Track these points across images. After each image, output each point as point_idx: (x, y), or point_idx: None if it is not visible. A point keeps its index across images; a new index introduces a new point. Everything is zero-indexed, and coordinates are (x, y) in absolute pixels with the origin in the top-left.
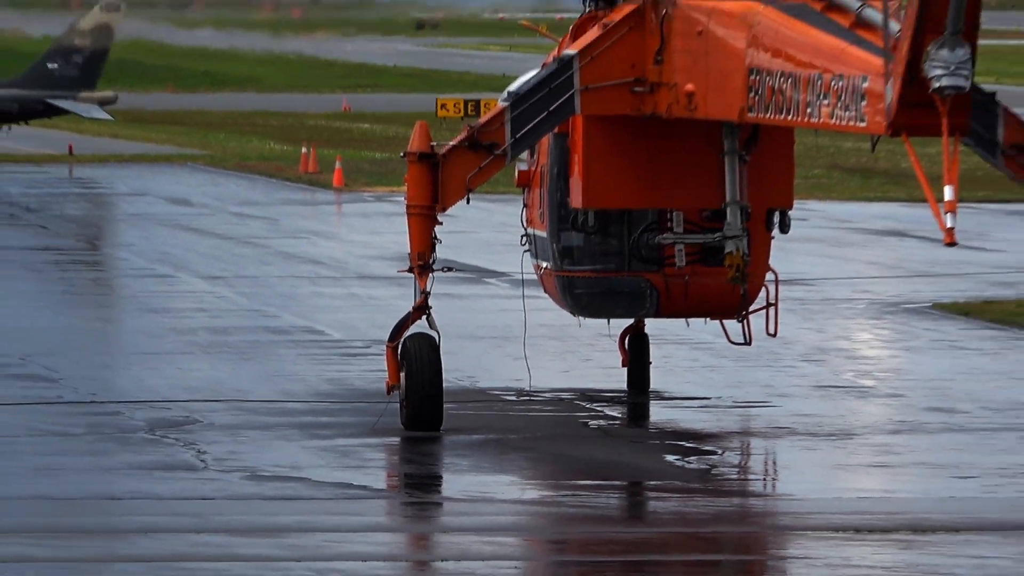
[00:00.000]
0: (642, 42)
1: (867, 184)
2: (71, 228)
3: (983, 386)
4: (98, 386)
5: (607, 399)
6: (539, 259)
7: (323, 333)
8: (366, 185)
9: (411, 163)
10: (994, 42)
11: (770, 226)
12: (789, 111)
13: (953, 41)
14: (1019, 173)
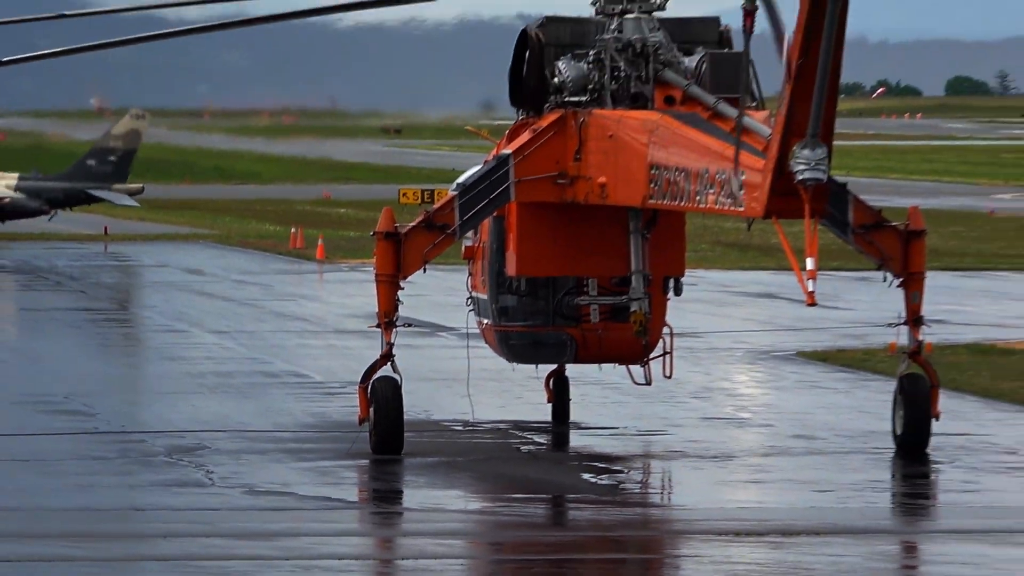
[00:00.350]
0: (564, 144)
1: (744, 256)
2: (106, 293)
3: (837, 417)
4: (127, 419)
5: (535, 429)
6: (481, 316)
7: (307, 376)
8: (343, 258)
9: (379, 240)
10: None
11: (666, 290)
12: (682, 199)
13: (813, 142)
14: (865, 247)
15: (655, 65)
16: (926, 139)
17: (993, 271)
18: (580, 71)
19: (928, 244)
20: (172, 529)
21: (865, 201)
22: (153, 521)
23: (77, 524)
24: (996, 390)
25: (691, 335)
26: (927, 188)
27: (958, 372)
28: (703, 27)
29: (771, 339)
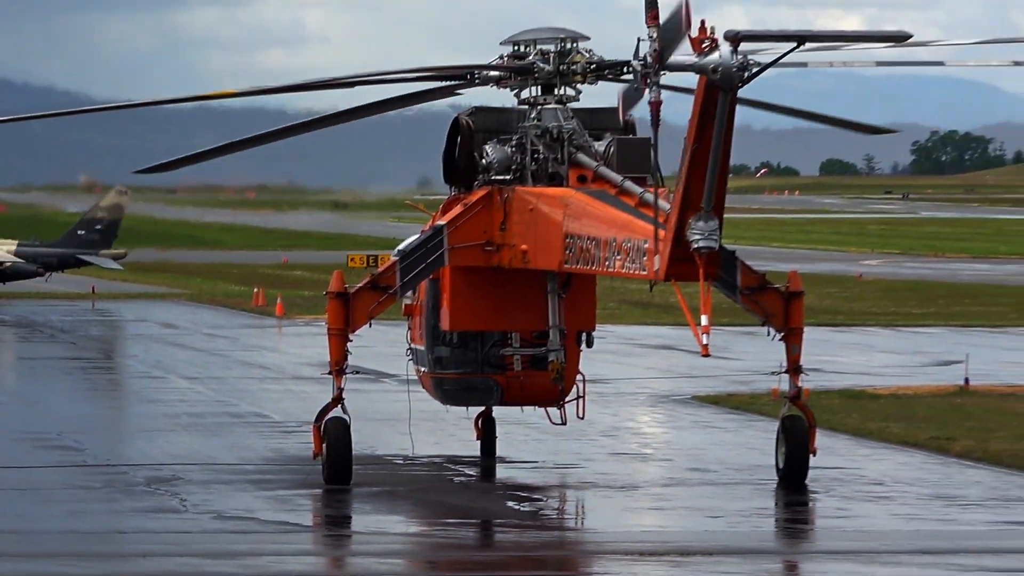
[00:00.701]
0: (491, 216)
1: (646, 313)
2: (93, 344)
3: (728, 453)
4: (111, 454)
5: (467, 462)
6: (419, 365)
7: (268, 416)
8: (299, 314)
9: (330, 299)
10: (734, 215)
11: (580, 342)
12: (593, 263)
13: (706, 215)
14: (751, 306)
15: (569, 148)
16: (803, 213)
17: (862, 327)
18: (504, 153)
19: (805, 303)
20: (151, 550)
21: (751, 266)
22: (134, 543)
23: (68, 545)
24: (865, 430)
25: (601, 381)
26: (804, 255)
27: (832, 414)
28: (610, 116)
29: (670, 385)
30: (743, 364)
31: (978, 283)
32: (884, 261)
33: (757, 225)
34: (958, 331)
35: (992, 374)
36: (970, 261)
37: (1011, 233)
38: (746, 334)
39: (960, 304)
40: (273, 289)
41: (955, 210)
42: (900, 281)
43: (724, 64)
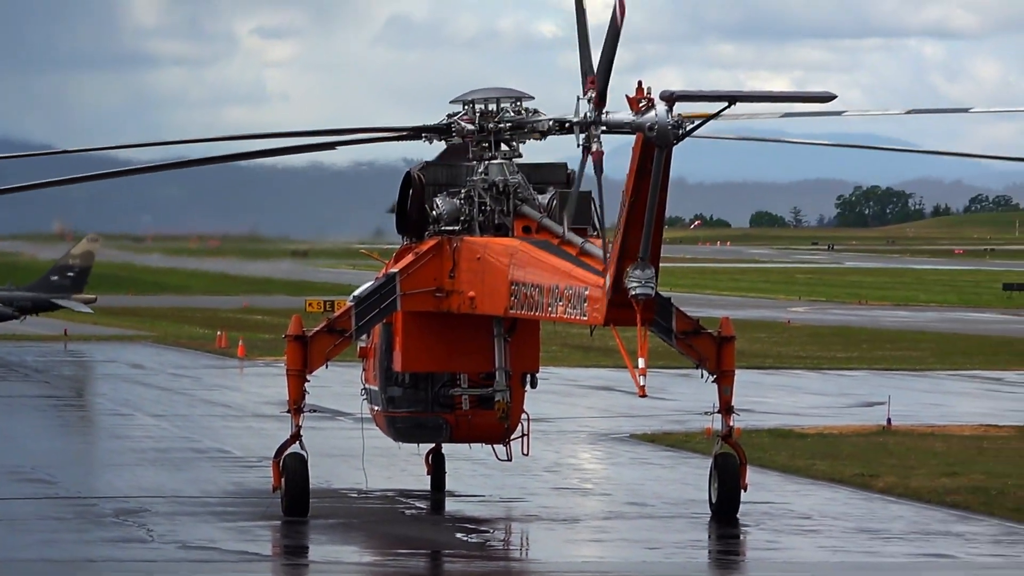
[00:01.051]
0: (441, 264)
1: (587, 356)
2: (65, 383)
3: (663, 488)
4: (82, 487)
5: (417, 496)
6: (373, 404)
7: (230, 452)
8: (259, 356)
9: (289, 342)
10: (669, 264)
11: (524, 383)
12: (537, 309)
13: (643, 264)
14: (686, 350)
15: (515, 201)
16: (734, 262)
17: (790, 370)
18: (453, 206)
19: (736, 347)
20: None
21: (685, 312)
22: (103, 571)
23: (41, 573)
24: (793, 467)
25: (544, 420)
26: (735, 302)
27: (762, 452)
28: (553, 171)
29: (609, 424)
30: (678, 404)
31: (899, 329)
32: (811, 308)
33: (691, 273)
34: (881, 374)
35: (913, 415)
36: (892, 308)
37: (930, 282)
38: (681, 376)
39: (882, 349)
40: (235, 332)
41: (877, 260)
42: (826, 327)
43: (660, 122)
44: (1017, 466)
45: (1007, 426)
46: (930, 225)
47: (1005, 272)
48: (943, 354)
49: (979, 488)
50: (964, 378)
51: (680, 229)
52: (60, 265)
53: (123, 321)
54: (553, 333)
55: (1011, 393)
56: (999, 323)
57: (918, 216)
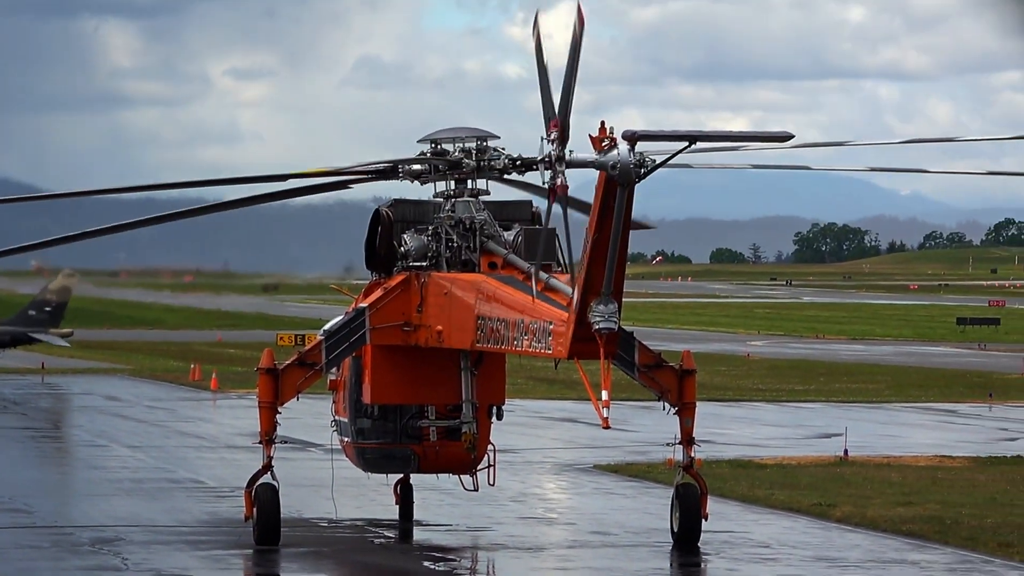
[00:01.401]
0: (409, 299)
1: (552, 389)
2: (42, 415)
3: (626, 517)
4: (59, 516)
5: (386, 525)
6: (342, 435)
7: (204, 482)
8: (232, 388)
9: (261, 375)
10: (632, 299)
11: (490, 415)
12: (503, 343)
13: (606, 299)
14: (648, 383)
15: (481, 238)
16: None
17: (749, 402)
18: (421, 242)
19: (698, 380)
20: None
21: (648, 346)
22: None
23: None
24: (752, 496)
25: (510, 451)
26: (696, 336)
27: (722, 482)
28: (519, 208)
29: (573, 455)
30: (641, 436)
31: (856, 362)
32: (770, 342)
33: (653, 308)
34: (838, 406)
35: (869, 446)
36: (848, 342)
37: (886, 317)
38: (643, 408)
39: (839, 381)
40: (209, 365)
41: (835, 296)
42: (784, 360)
43: (622, 161)
44: (971, 496)
45: (961, 457)
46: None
47: (959, 307)
48: (898, 387)
49: (934, 517)
50: (919, 410)
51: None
52: (37, 300)
53: (99, 354)
54: (519, 366)
55: (965, 425)
56: (953, 357)
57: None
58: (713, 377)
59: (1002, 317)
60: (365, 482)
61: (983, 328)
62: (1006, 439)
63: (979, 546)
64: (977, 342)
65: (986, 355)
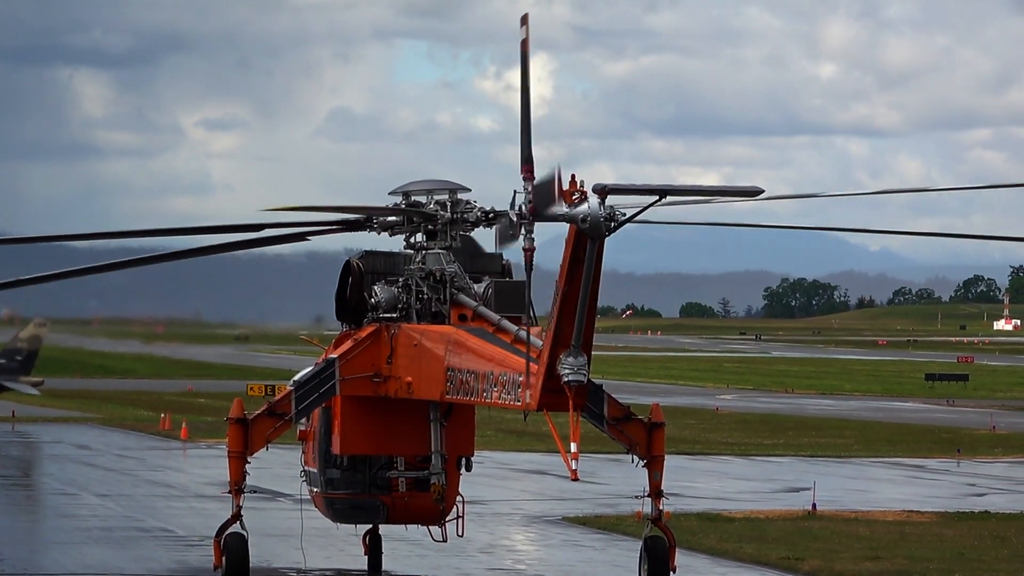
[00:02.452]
0: (379, 350)
1: (521, 441)
2: (12, 462)
3: (595, 569)
4: (28, 563)
5: (355, 575)
6: (311, 485)
7: (173, 531)
8: (202, 438)
9: (231, 424)
10: (601, 352)
11: (459, 466)
12: (472, 394)
13: (576, 351)
14: (617, 435)
15: (451, 290)
16: (664, 351)
17: (718, 455)
18: (392, 294)
19: (667, 433)
20: None
21: (617, 399)
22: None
23: None
24: (720, 549)
25: (479, 502)
26: (665, 389)
27: (690, 535)
28: (489, 261)
29: (542, 507)
30: (609, 488)
31: (824, 417)
32: (738, 396)
33: (623, 361)
34: (806, 460)
35: (837, 500)
36: (817, 396)
37: (855, 372)
38: (612, 460)
39: (808, 436)
40: (179, 415)
41: (804, 350)
42: (753, 414)
43: (592, 215)
44: (938, 551)
45: (929, 512)
46: (855, 317)
47: (927, 363)
48: (867, 441)
49: (902, 572)
50: (887, 465)
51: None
52: (8, 348)
53: (70, 403)
54: (488, 418)
55: (933, 480)
56: (922, 412)
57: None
58: (682, 430)
59: (971, 373)
60: (334, 532)
61: (952, 384)
62: (974, 495)
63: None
64: (946, 398)
65: (955, 411)
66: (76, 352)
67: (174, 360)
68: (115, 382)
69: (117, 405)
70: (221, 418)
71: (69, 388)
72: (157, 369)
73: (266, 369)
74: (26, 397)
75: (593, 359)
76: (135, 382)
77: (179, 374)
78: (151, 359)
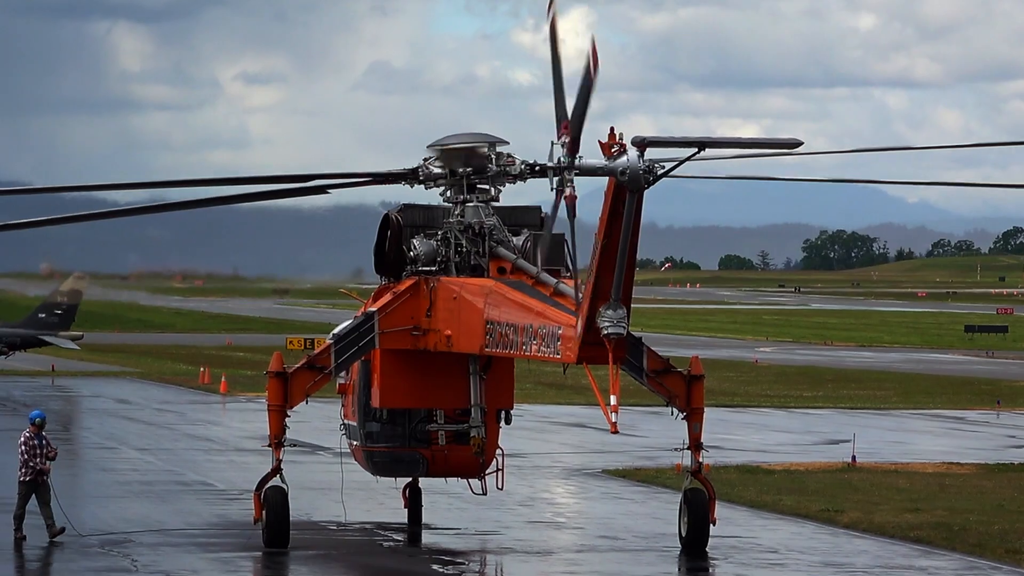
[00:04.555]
0: (418, 303)
1: (560, 394)
2: (52, 417)
3: (635, 522)
4: (69, 517)
5: (395, 528)
6: (351, 439)
7: (213, 485)
8: (241, 392)
9: (270, 378)
10: (640, 305)
11: (499, 419)
12: (511, 347)
13: (615, 304)
14: (657, 388)
15: (490, 243)
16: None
17: (757, 408)
18: (430, 247)
19: (706, 386)
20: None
21: (656, 351)
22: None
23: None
24: (760, 502)
25: (518, 456)
26: (704, 342)
27: (730, 487)
28: (528, 213)
29: (582, 459)
30: (649, 441)
31: (864, 369)
32: (778, 348)
33: (662, 314)
34: (846, 413)
35: (877, 452)
36: (857, 349)
37: (894, 324)
38: (652, 413)
39: (847, 388)
40: (218, 368)
41: (843, 303)
42: (792, 366)
43: (632, 167)
44: (978, 503)
45: (968, 463)
46: (894, 269)
47: (967, 314)
48: (906, 393)
49: (941, 524)
50: (927, 417)
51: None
52: (48, 303)
53: (109, 357)
54: (527, 371)
55: (972, 432)
56: (961, 364)
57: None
58: (721, 383)
59: (1010, 325)
60: (374, 486)
61: (991, 335)
62: (1014, 446)
63: (986, 552)
64: (985, 349)
65: (994, 362)
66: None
67: (213, 314)
68: (154, 336)
69: (156, 359)
70: (260, 372)
71: (108, 342)
72: (196, 323)
73: (305, 323)
74: (66, 351)
75: (632, 312)
76: (174, 336)
77: (218, 328)
78: (190, 313)
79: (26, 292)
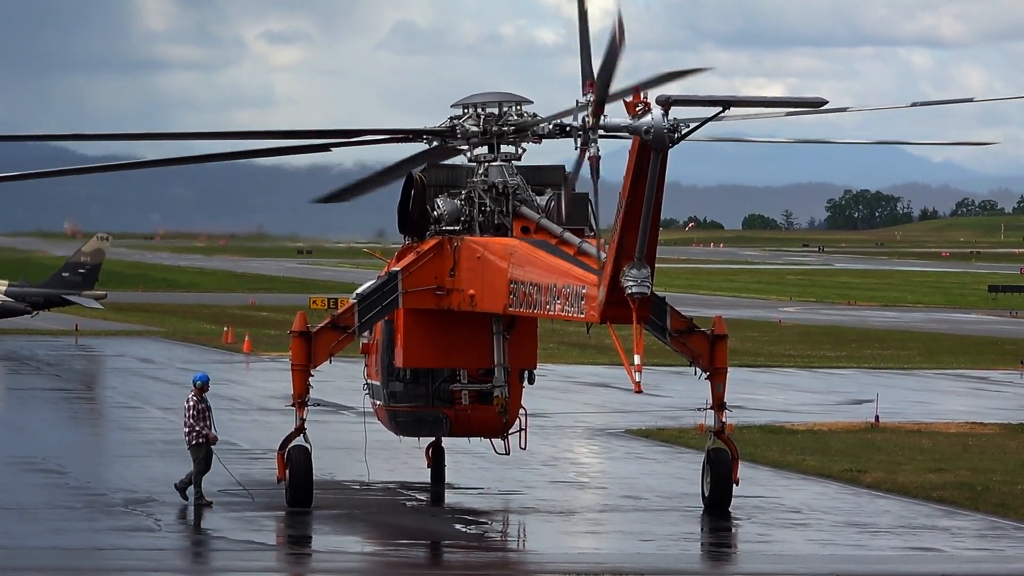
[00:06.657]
0: (442, 263)
1: (583, 353)
2: (76, 376)
3: (658, 482)
4: (92, 477)
5: (418, 488)
6: (374, 398)
7: (237, 444)
8: (265, 351)
9: (294, 338)
10: (664, 265)
11: (522, 379)
12: (535, 307)
13: (639, 264)
14: (680, 348)
15: (514, 202)
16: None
17: (780, 368)
18: (454, 206)
19: (729, 346)
20: (127, 565)
21: (680, 311)
22: (112, 559)
23: (51, 560)
24: (783, 462)
25: (542, 415)
26: (728, 302)
27: (753, 447)
28: (551, 173)
29: (605, 419)
30: (672, 401)
31: (887, 329)
32: (801, 308)
33: (685, 274)
34: (869, 373)
35: (900, 412)
36: (880, 309)
37: (917, 284)
38: (675, 373)
39: (871, 348)
40: (241, 328)
41: (867, 263)
42: (816, 326)
43: (656, 126)
44: (1001, 462)
45: (992, 423)
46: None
47: (990, 274)
48: (930, 353)
49: (965, 484)
50: (950, 377)
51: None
52: (71, 262)
53: (132, 317)
54: (551, 331)
55: (996, 392)
56: (984, 324)
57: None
58: (744, 343)
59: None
60: (397, 445)
61: (1015, 295)
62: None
63: (1010, 512)
64: (1009, 309)
65: (1018, 322)
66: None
67: (237, 274)
68: (178, 295)
69: (180, 319)
70: (284, 331)
71: (132, 302)
72: (220, 283)
73: (329, 282)
74: (89, 311)
75: (656, 271)
76: (198, 296)
77: (242, 287)
78: (214, 273)
79: (50, 252)
